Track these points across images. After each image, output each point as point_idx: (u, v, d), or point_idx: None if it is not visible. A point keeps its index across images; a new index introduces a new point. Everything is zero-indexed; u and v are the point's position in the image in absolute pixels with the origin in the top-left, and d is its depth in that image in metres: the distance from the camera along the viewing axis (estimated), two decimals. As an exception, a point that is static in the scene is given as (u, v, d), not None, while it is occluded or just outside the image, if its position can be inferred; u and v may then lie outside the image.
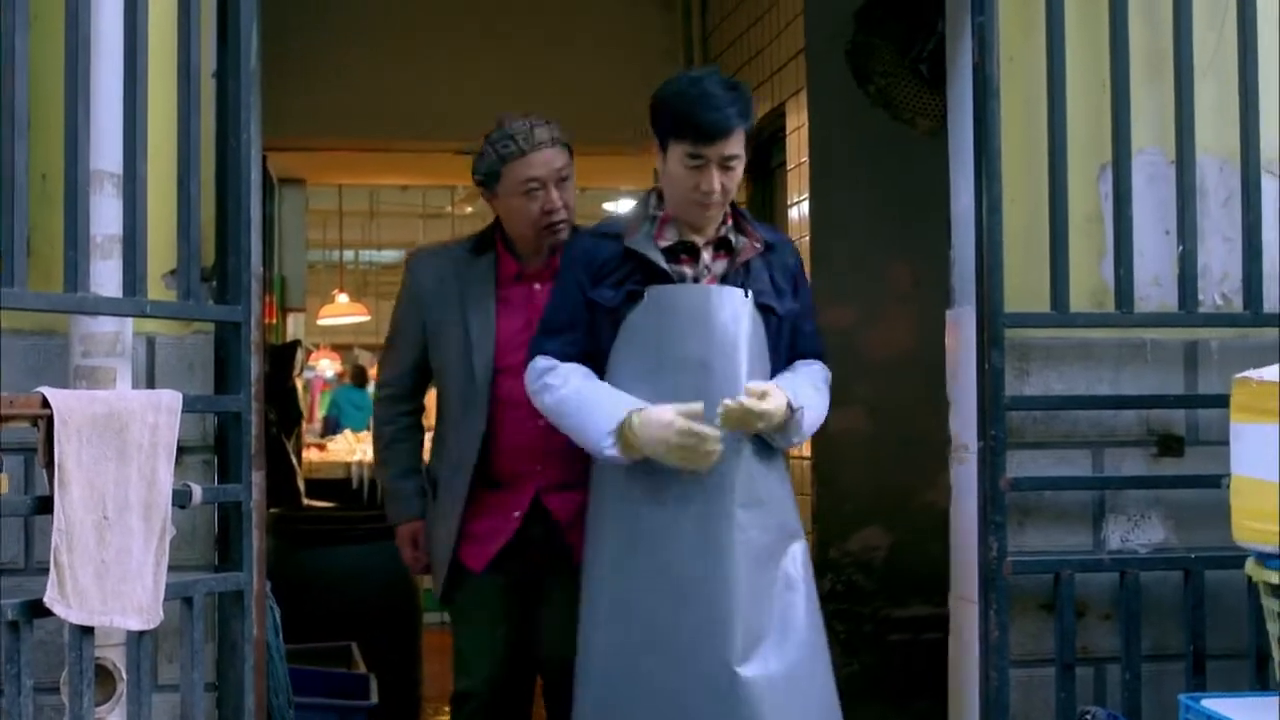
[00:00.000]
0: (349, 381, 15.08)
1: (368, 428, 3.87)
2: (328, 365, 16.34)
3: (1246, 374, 2.86)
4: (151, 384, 2.99)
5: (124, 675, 2.79)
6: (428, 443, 3.72)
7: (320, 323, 14.08)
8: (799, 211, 5.42)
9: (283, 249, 9.18)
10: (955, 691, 3.57)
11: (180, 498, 2.80)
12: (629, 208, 3.36)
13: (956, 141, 3.57)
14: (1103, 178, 3.45)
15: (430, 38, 6.75)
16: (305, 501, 6.81)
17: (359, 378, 14.47)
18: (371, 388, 3.90)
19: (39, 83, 2.72)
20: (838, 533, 5.31)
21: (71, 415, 2.55)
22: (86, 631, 2.61)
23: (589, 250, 3.20)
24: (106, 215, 2.81)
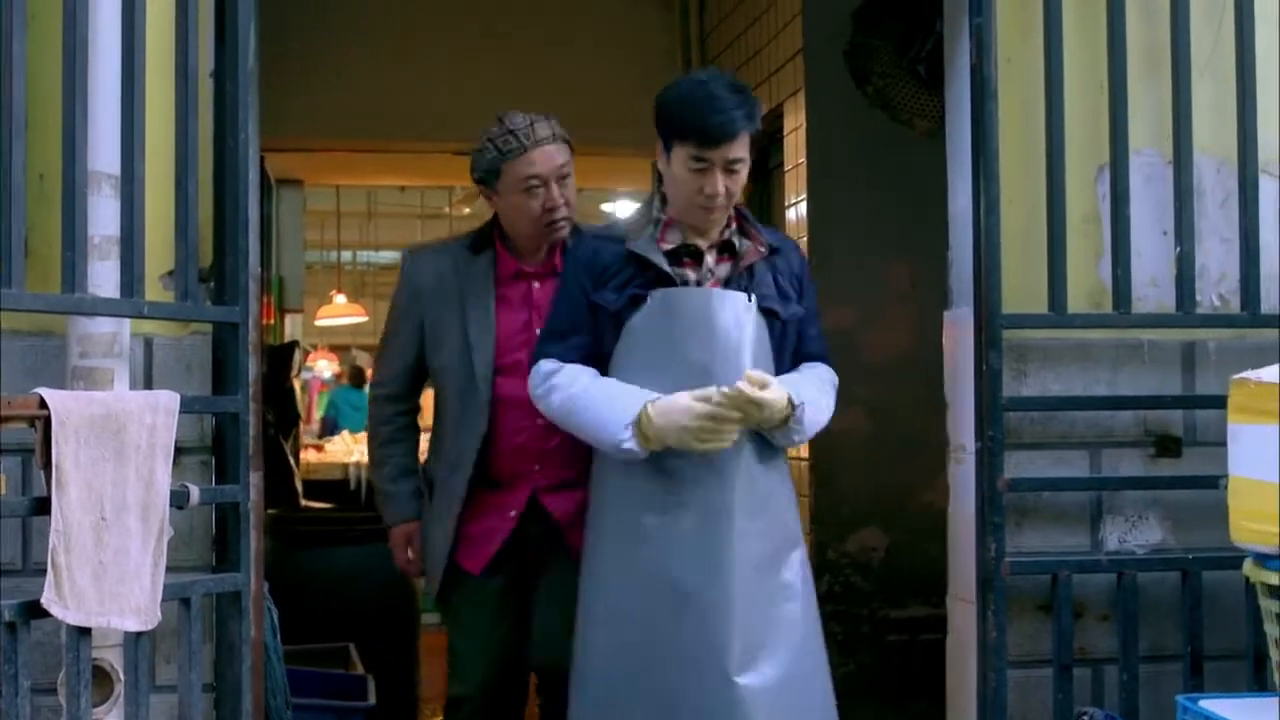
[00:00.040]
0: (347, 382, 15.08)
1: (365, 429, 3.92)
2: (325, 366, 16.34)
3: (1244, 375, 2.86)
4: (149, 385, 2.99)
5: (121, 676, 2.79)
6: (423, 443, 3.67)
7: (318, 323, 14.09)
8: (797, 212, 5.42)
9: (280, 250, 9.17)
10: (953, 692, 3.57)
11: (178, 498, 2.80)
12: (626, 208, 3.35)
13: (954, 142, 3.57)
14: (1100, 178, 3.45)
15: (428, 39, 6.75)
16: (303, 502, 6.79)
17: (357, 379, 14.45)
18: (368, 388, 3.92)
19: (37, 83, 2.71)
20: (835, 534, 5.31)
21: (69, 416, 2.55)
22: (84, 632, 2.61)
23: (592, 254, 3.17)
24: (104, 216, 2.81)
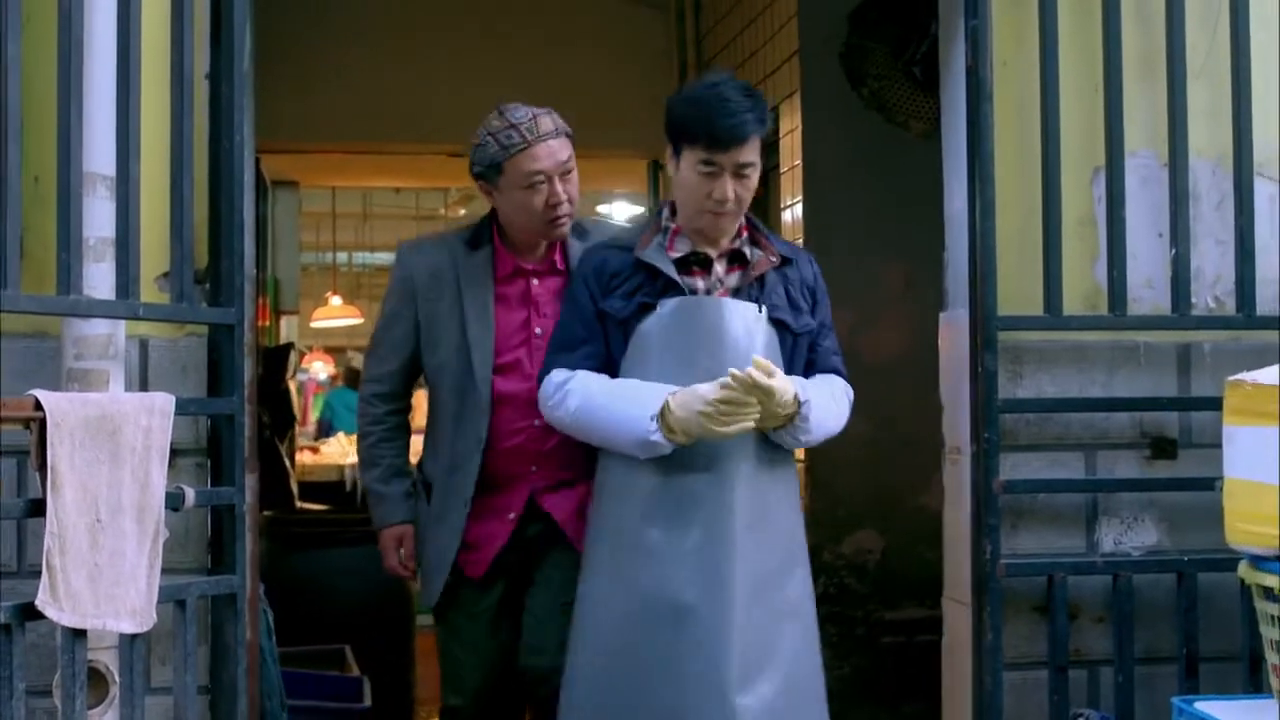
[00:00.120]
0: (342, 384, 15.06)
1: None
2: (321, 368, 16.33)
3: (1239, 376, 2.86)
4: (144, 387, 2.99)
5: (117, 678, 2.79)
6: (415, 444, 3.57)
7: (314, 325, 14.06)
8: (793, 214, 5.42)
9: (276, 251, 9.16)
10: (948, 694, 3.57)
11: (173, 500, 2.80)
12: (622, 210, 3.34)
13: (950, 144, 3.58)
14: (1096, 180, 3.45)
15: (423, 40, 6.75)
16: (298, 504, 6.79)
17: (352, 380, 14.42)
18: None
19: (32, 85, 2.71)
20: (831, 535, 5.31)
21: (64, 418, 2.55)
22: (79, 634, 2.61)
23: (600, 262, 3.12)
24: (99, 217, 2.80)
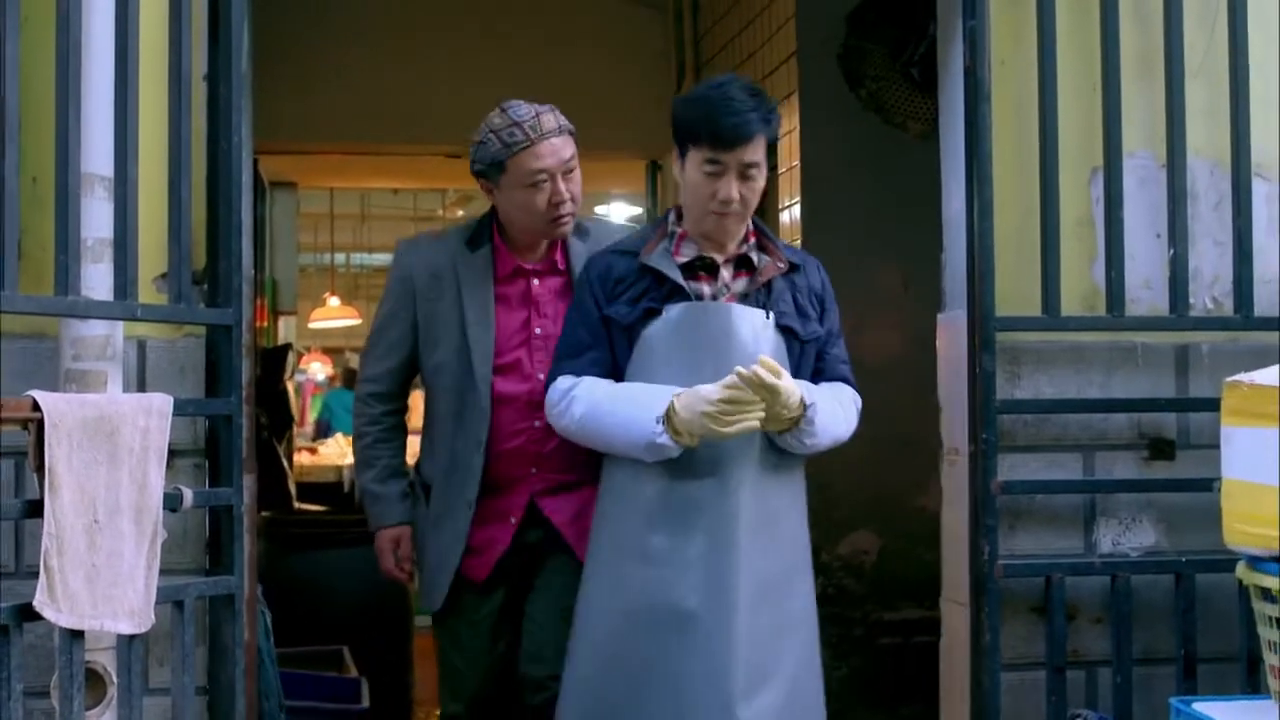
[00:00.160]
0: (340, 385, 15.07)
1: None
2: (319, 369, 16.33)
3: (1237, 377, 2.86)
4: (142, 387, 2.99)
5: (114, 679, 2.78)
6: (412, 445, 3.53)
7: (312, 326, 14.06)
8: (790, 215, 5.42)
9: (274, 252, 9.17)
10: (946, 695, 3.57)
11: (171, 501, 2.79)
12: (621, 211, 3.33)
13: (948, 145, 3.58)
14: (1094, 181, 3.45)
15: (422, 41, 6.74)
16: (296, 505, 6.79)
17: (350, 381, 14.41)
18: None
19: (30, 85, 2.71)
20: (828, 536, 5.30)
21: (62, 419, 2.55)
22: (77, 635, 2.60)
23: (605, 268, 3.08)
24: (97, 218, 2.80)
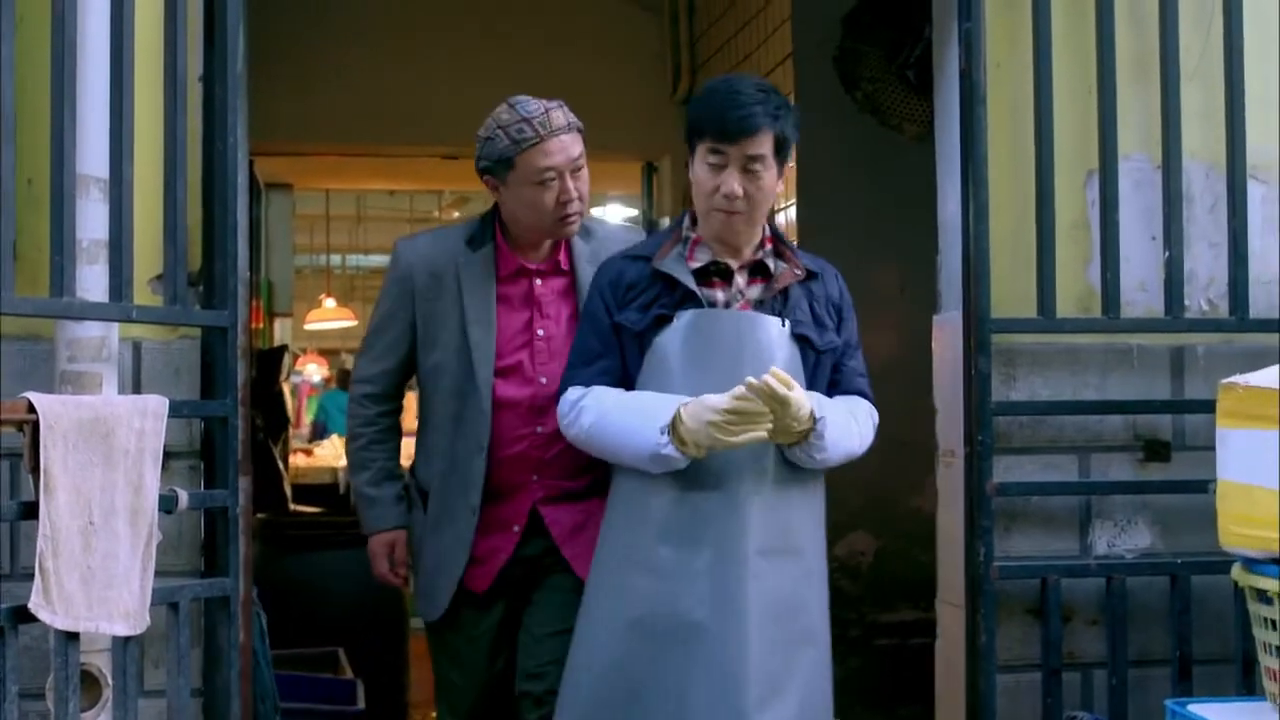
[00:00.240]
0: (336, 386, 15.06)
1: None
2: (315, 370, 16.32)
3: (1232, 379, 2.86)
4: (138, 389, 2.99)
5: (110, 681, 2.78)
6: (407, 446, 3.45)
7: (307, 327, 14.08)
8: (786, 217, 5.42)
9: (270, 254, 9.18)
10: (942, 696, 3.58)
11: (166, 503, 2.79)
12: (617, 213, 3.30)
13: (943, 147, 3.58)
14: (1089, 183, 3.45)
15: (419, 42, 6.74)
16: (292, 507, 6.79)
17: (345, 382, 14.42)
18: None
19: (25, 87, 2.70)
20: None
21: (57, 420, 2.55)
22: (72, 637, 2.60)
23: (616, 273, 3.02)
24: (93, 220, 2.80)
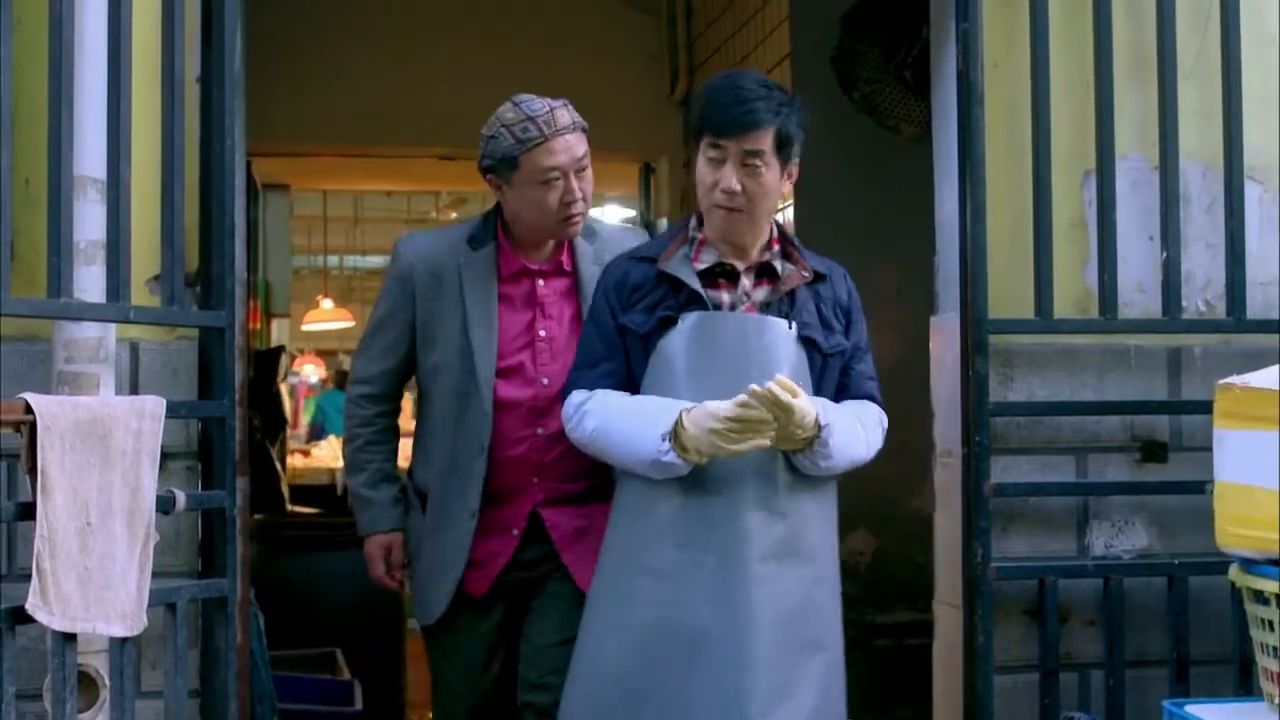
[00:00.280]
0: (333, 387, 15.07)
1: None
2: (312, 371, 16.34)
3: (1230, 380, 2.86)
4: (135, 390, 2.99)
5: (107, 682, 2.78)
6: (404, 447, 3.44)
7: (305, 328, 14.08)
8: (782, 217, 5.42)
9: (267, 254, 9.17)
10: (939, 697, 3.58)
11: (164, 504, 2.79)
12: (613, 214, 3.29)
13: (941, 148, 3.58)
14: (1086, 184, 3.45)
15: (416, 43, 6.74)
16: (289, 507, 6.78)
17: (342, 383, 14.41)
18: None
19: (22, 87, 2.70)
20: (822, 538, 5.29)
21: (55, 421, 2.54)
22: (69, 638, 2.60)
23: (622, 274, 2.98)
24: (90, 220, 2.80)
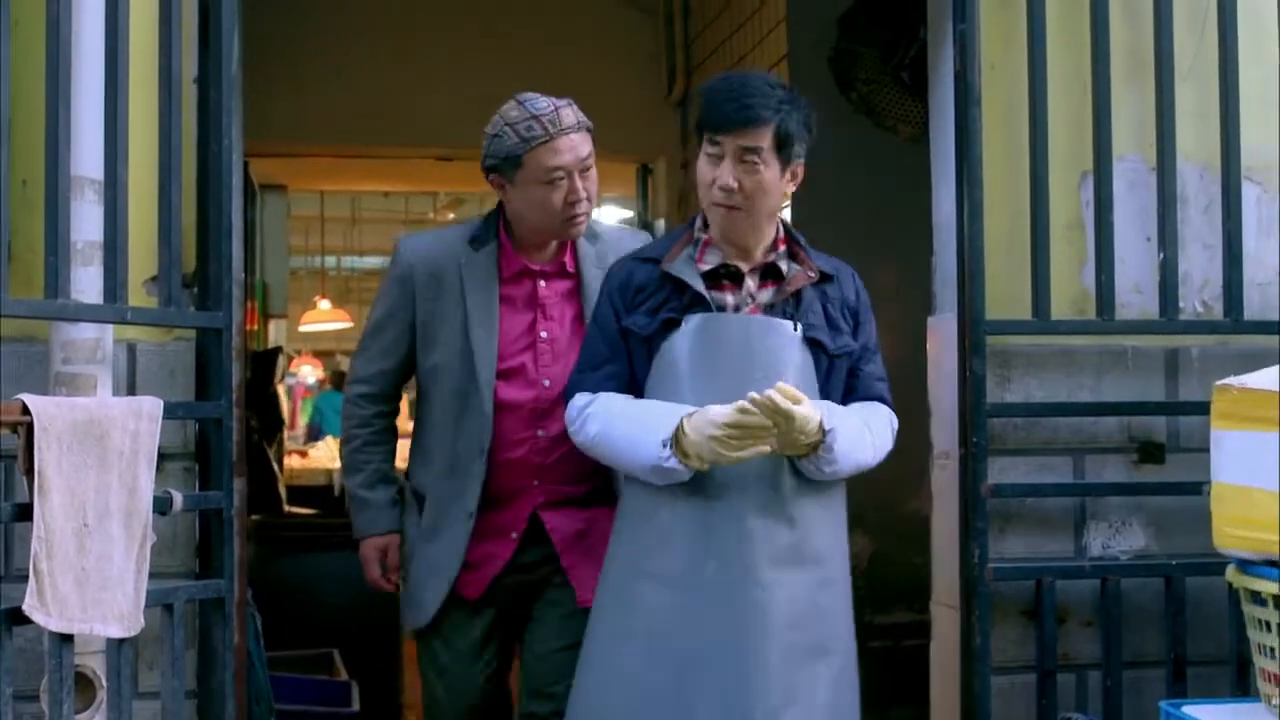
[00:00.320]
0: (331, 388, 15.06)
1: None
2: (309, 371, 16.34)
3: (1227, 381, 2.87)
4: (132, 391, 2.99)
5: (104, 683, 2.78)
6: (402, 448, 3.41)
7: (302, 329, 14.08)
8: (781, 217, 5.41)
9: (264, 255, 9.16)
10: (936, 698, 3.57)
11: (161, 505, 2.79)
12: (610, 214, 3.28)
13: (938, 148, 3.58)
14: (1084, 184, 3.45)
15: (411, 44, 6.74)
16: (286, 508, 6.78)
17: (340, 383, 14.42)
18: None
19: (20, 88, 2.71)
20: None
21: (52, 422, 2.54)
22: (66, 639, 2.60)
23: (625, 276, 2.95)
24: (87, 221, 2.80)
